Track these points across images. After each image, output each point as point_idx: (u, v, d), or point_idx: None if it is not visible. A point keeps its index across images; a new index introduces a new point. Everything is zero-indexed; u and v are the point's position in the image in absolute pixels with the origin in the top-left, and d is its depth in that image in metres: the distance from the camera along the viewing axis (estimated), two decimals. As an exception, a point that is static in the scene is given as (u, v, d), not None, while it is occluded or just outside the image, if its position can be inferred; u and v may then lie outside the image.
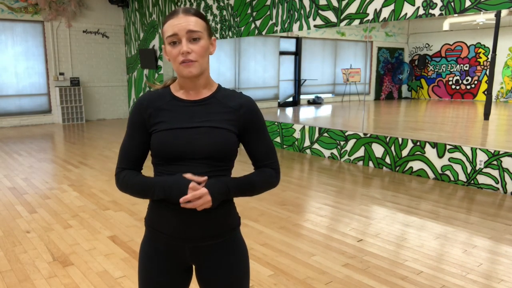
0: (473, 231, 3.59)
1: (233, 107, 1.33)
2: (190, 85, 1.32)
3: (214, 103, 1.33)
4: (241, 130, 1.34)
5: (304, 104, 10.71)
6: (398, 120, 9.22)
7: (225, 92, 1.36)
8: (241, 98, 1.36)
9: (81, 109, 10.81)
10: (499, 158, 4.69)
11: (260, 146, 1.37)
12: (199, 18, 1.27)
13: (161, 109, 1.32)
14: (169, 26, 1.25)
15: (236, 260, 1.38)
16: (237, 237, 1.41)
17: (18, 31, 9.96)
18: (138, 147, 1.34)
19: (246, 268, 1.42)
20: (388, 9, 5.50)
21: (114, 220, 3.87)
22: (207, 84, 1.34)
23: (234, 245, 1.39)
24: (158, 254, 1.37)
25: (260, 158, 1.38)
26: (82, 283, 2.71)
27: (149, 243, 1.39)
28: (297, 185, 5.03)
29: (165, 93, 1.35)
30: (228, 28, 8.17)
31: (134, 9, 11.03)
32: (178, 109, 1.32)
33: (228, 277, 1.37)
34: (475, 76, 9.45)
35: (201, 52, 1.26)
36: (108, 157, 6.66)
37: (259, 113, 1.38)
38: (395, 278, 2.78)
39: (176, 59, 1.26)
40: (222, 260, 1.36)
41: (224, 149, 1.30)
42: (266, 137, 1.39)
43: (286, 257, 3.10)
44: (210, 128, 1.29)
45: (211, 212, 1.30)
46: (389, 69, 10.45)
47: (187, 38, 1.24)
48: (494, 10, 4.54)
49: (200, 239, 1.33)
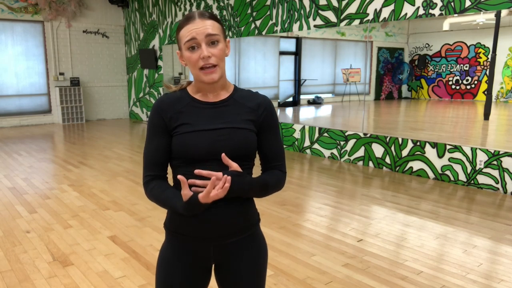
0: (473, 231, 3.59)
1: (251, 107, 1.35)
2: (208, 88, 1.32)
3: (233, 104, 1.34)
4: (259, 129, 1.36)
5: (304, 104, 10.70)
6: (398, 120, 9.22)
7: (242, 93, 1.38)
8: (259, 98, 1.38)
9: (81, 109, 10.80)
10: (499, 158, 4.68)
11: (273, 147, 1.39)
12: (215, 21, 1.27)
13: (181, 111, 1.32)
14: (186, 31, 1.25)
15: (257, 255, 1.41)
16: (258, 233, 1.43)
17: (18, 31, 9.96)
18: (163, 151, 1.33)
19: (266, 263, 1.46)
20: (388, 9, 5.50)
21: (114, 220, 3.87)
22: (224, 86, 1.35)
23: (255, 241, 1.41)
24: (182, 257, 1.37)
25: (271, 159, 1.39)
26: (82, 283, 2.71)
27: (172, 247, 1.38)
28: (297, 185, 5.03)
29: (184, 96, 1.35)
30: (228, 28, 8.16)
31: (134, 9, 11.03)
32: (199, 111, 1.32)
33: (250, 271, 1.40)
34: (475, 76, 9.45)
35: (221, 55, 1.27)
36: (108, 157, 6.66)
37: (275, 113, 1.40)
38: (395, 278, 2.78)
39: (196, 64, 1.25)
40: (244, 255, 1.38)
41: (247, 149, 1.31)
42: (279, 138, 1.41)
43: (286, 257, 3.10)
44: (232, 129, 1.30)
45: (231, 210, 1.31)
46: (389, 69, 10.45)
47: (206, 42, 1.24)
48: (494, 10, 4.54)
49: (223, 237, 1.34)
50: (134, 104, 11.71)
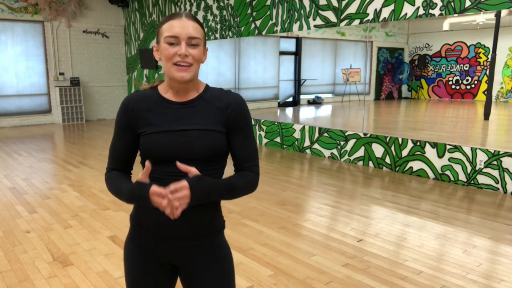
0: (473, 231, 3.59)
1: (220, 107, 1.32)
2: (178, 87, 1.31)
3: (202, 104, 1.32)
4: (228, 129, 1.33)
5: (304, 104, 10.70)
6: (398, 120, 9.22)
7: (213, 92, 1.35)
8: (228, 97, 1.34)
9: (81, 109, 10.81)
10: (499, 158, 4.68)
11: (243, 148, 1.35)
12: (199, 25, 1.27)
13: (148, 110, 1.31)
14: (170, 26, 1.24)
15: (219, 262, 1.37)
16: (221, 240, 1.40)
17: (18, 31, 9.96)
18: (125, 148, 1.37)
19: (230, 271, 1.41)
20: (388, 9, 5.50)
21: (114, 220, 3.87)
22: (194, 87, 1.34)
23: (217, 248, 1.38)
24: (142, 253, 1.37)
25: (242, 160, 1.35)
26: (82, 283, 2.71)
27: (133, 241, 1.39)
28: (297, 185, 5.03)
29: (153, 94, 1.34)
30: (228, 28, 8.16)
31: (134, 9, 11.03)
32: (166, 111, 1.31)
33: (212, 281, 1.36)
34: (475, 76, 9.45)
35: (198, 57, 1.27)
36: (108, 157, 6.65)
37: (246, 113, 1.35)
38: (395, 278, 2.78)
39: (171, 58, 1.24)
40: (205, 262, 1.35)
41: (215, 150, 1.30)
42: (251, 138, 1.37)
43: (286, 257, 3.10)
44: (199, 131, 1.28)
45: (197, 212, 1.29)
46: (389, 69, 10.44)
47: (187, 43, 1.24)
48: (494, 10, 4.54)
49: (184, 239, 1.32)
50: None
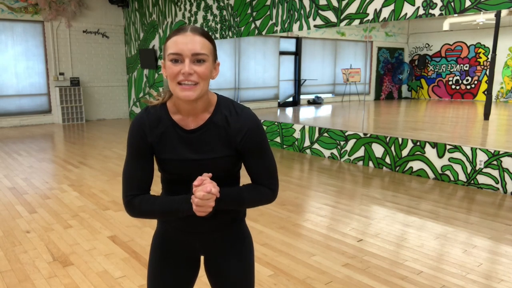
0: (473, 231, 3.59)
1: (231, 133, 1.29)
2: (186, 107, 1.26)
3: (212, 129, 1.29)
4: (240, 150, 1.32)
5: (304, 104, 10.70)
6: (398, 120, 9.22)
7: (224, 112, 1.30)
8: (240, 121, 1.29)
9: (81, 109, 10.80)
10: (499, 158, 4.68)
11: (259, 167, 1.34)
12: (206, 39, 1.21)
13: (161, 135, 1.30)
14: (173, 42, 1.19)
15: (242, 250, 1.45)
16: (243, 229, 1.47)
17: (18, 31, 9.96)
18: (144, 173, 1.32)
19: (252, 257, 1.49)
20: (388, 9, 5.50)
21: (114, 220, 3.87)
22: (205, 106, 1.29)
23: (240, 236, 1.45)
24: (170, 246, 1.43)
25: (258, 178, 1.35)
26: (82, 283, 2.71)
27: (161, 236, 1.45)
28: (297, 185, 5.03)
29: (163, 117, 1.30)
30: (228, 28, 8.16)
31: (134, 9, 11.02)
32: (178, 138, 1.30)
33: (236, 266, 1.43)
34: (475, 76, 9.44)
35: (205, 75, 1.20)
36: (108, 157, 6.66)
37: (260, 134, 1.32)
38: (395, 278, 2.78)
39: (175, 77, 1.19)
40: (229, 250, 1.43)
41: (228, 171, 1.35)
42: (266, 157, 1.34)
43: (286, 257, 3.10)
44: (212, 160, 1.30)
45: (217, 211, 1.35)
46: (389, 69, 10.44)
47: (191, 60, 1.18)
48: (494, 10, 4.54)
49: (208, 232, 1.40)
50: (134, 104, 11.71)
